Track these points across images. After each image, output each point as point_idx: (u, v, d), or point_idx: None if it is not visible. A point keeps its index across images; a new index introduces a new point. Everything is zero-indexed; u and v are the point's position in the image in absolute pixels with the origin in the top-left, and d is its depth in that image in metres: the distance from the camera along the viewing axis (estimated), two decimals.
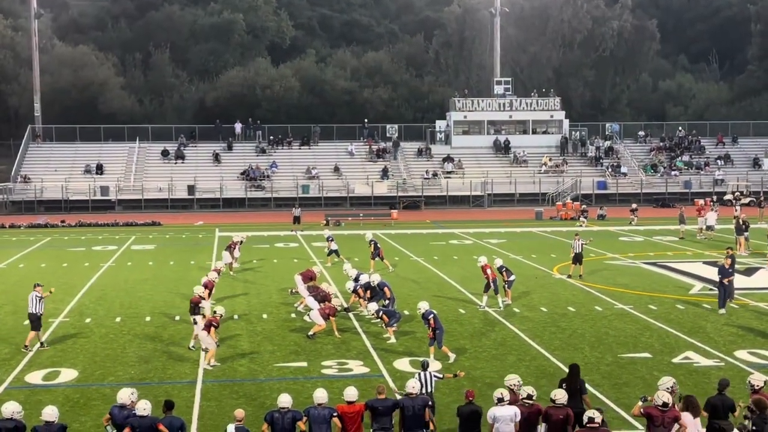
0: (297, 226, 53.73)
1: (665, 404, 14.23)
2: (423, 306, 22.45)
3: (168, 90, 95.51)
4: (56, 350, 23.70)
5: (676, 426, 14.23)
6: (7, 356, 23.05)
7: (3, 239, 50.13)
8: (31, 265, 39.29)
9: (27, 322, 26.53)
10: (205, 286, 26.62)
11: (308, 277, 28.96)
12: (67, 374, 21.37)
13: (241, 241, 39.50)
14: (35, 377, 21.14)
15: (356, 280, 28.15)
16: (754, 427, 14.49)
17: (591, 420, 13.92)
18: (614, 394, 19.19)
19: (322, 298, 26.38)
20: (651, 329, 25.67)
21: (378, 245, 37.35)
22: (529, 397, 14.96)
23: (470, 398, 15.27)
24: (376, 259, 36.78)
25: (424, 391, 16.25)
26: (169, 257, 41.64)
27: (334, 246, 39.04)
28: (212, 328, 22.26)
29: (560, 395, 14.87)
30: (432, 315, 22.05)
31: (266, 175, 72.50)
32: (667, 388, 14.70)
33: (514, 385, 15.55)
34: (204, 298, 25.32)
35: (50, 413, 14.31)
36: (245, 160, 74.79)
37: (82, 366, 22.06)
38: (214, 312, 23.34)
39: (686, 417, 14.51)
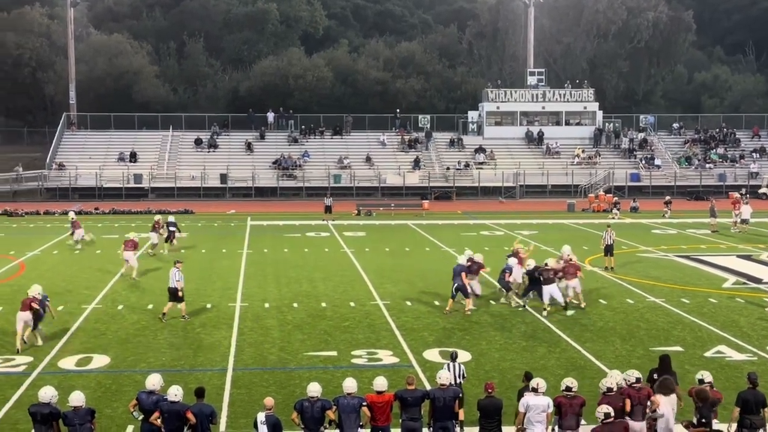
0: (328, 216, 53.81)
1: (638, 380, 15.24)
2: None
3: (201, 79, 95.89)
4: (89, 336, 23.92)
5: (649, 403, 15.10)
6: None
7: (38, 226, 50.61)
8: (64, 252, 39.60)
9: (61, 307, 26.87)
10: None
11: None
12: (100, 360, 21.56)
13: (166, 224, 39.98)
14: (68, 363, 21.35)
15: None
16: None
17: (607, 415, 13.95)
18: None
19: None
20: (683, 323, 25.50)
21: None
22: (568, 389, 14.92)
23: (490, 391, 15.25)
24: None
25: (453, 382, 16.25)
26: (201, 245, 41.85)
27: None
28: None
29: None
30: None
31: (298, 165, 72.65)
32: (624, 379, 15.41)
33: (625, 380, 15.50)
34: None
35: (77, 398, 14.43)
36: (277, 149, 74.97)
37: (114, 352, 22.25)
38: None
39: (659, 397, 15.23)
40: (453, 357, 17.35)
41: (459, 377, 16.69)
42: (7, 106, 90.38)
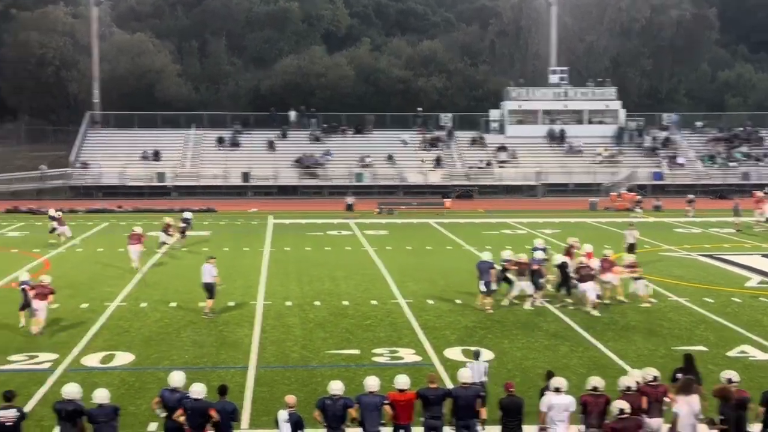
0: (350, 214, 53.74)
1: (655, 378, 15.31)
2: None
3: (224, 77, 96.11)
4: (112, 334, 24.07)
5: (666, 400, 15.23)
6: (65, 338, 23.46)
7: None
8: (88, 250, 39.84)
9: (85, 304, 27.09)
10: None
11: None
12: (123, 357, 21.69)
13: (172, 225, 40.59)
14: (92, 360, 21.49)
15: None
16: None
17: (622, 411, 13.93)
18: None
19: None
20: (706, 322, 25.39)
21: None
22: (595, 389, 14.89)
23: (510, 390, 15.23)
24: None
25: (477, 381, 16.26)
26: (224, 243, 41.99)
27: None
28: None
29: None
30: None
31: (320, 163, 72.73)
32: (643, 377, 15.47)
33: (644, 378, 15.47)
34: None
35: (101, 395, 14.51)
36: (299, 147, 75.09)
37: (138, 350, 22.37)
38: None
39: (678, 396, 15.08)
40: (476, 355, 17.34)
41: (482, 376, 16.68)
42: (31, 105, 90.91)
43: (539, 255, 27.90)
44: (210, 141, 76.05)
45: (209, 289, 26.36)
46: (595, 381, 15.01)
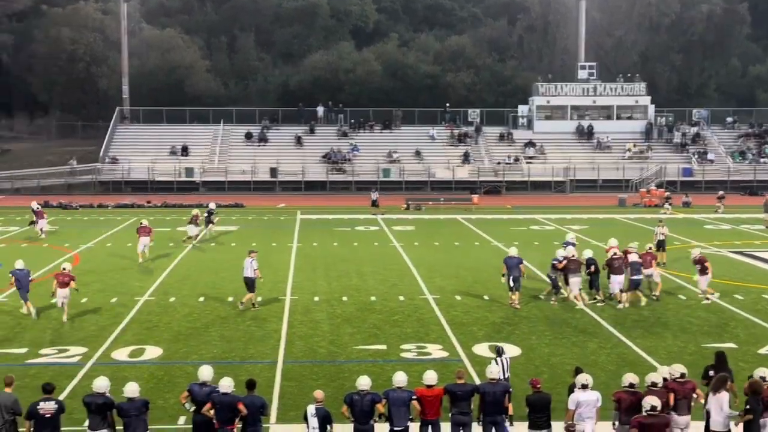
0: (375, 209, 53.70)
1: (682, 375, 15.23)
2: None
3: (252, 73, 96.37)
4: (141, 328, 24.24)
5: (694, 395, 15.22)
6: (94, 332, 23.65)
7: (91, 219, 51.30)
8: (118, 245, 40.06)
9: (114, 299, 27.31)
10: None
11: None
12: (152, 352, 21.84)
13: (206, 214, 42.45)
14: (121, 354, 21.66)
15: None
16: None
17: (653, 408, 13.86)
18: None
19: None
20: (736, 319, 25.22)
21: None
22: (632, 385, 14.83)
23: (537, 386, 15.19)
24: None
25: (507, 375, 16.26)
26: (251, 238, 42.11)
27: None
28: None
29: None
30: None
31: (347, 159, 72.81)
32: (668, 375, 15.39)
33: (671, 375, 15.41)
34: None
35: (132, 389, 14.61)
36: (327, 143, 75.18)
37: (167, 344, 22.52)
38: None
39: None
40: (499, 352, 17.31)
41: (506, 372, 16.66)
42: (62, 100, 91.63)
43: (571, 250, 27.71)
44: (238, 136, 76.29)
45: (249, 283, 26.56)
46: (631, 377, 14.96)
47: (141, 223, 36.51)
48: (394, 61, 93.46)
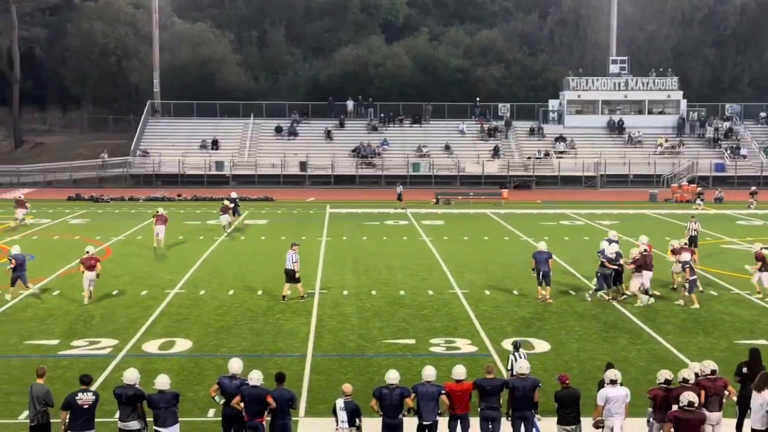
0: (400, 203, 53.59)
1: (713, 371, 15.16)
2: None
3: (282, 67, 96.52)
4: (171, 321, 24.37)
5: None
6: (125, 324, 23.80)
7: (123, 211, 51.64)
8: (148, 237, 40.25)
9: (145, 291, 27.49)
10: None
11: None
12: (182, 344, 21.95)
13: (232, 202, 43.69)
14: (152, 346, 21.78)
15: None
16: None
17: (691, 404, 13.76)
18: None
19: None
20: None
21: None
22: (667, 382, 14.74)
23: (565, 382, 15.11)
24: None
25: (516, 372, 16.18)
26: (281, 232, 42.24)
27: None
28: None
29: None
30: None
31: (377, 153, 72.80)
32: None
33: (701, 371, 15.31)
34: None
35: (163, 382, 14.68)
36: (357, 137, 75.23)
37: (196, 337, 22.63)
38: None
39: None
40: (516, 346, 17.24)
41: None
42: (94, 94, 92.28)
43: (614, 248, 27.37)
44: (268, 130, 76.52)
45: (290, 275, 26.77)
46: (666, 374, 14.85)
47: (157, 212, 38.18)
48: (425, 56, 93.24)
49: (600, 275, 26.84)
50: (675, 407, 14.13)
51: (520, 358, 16.47)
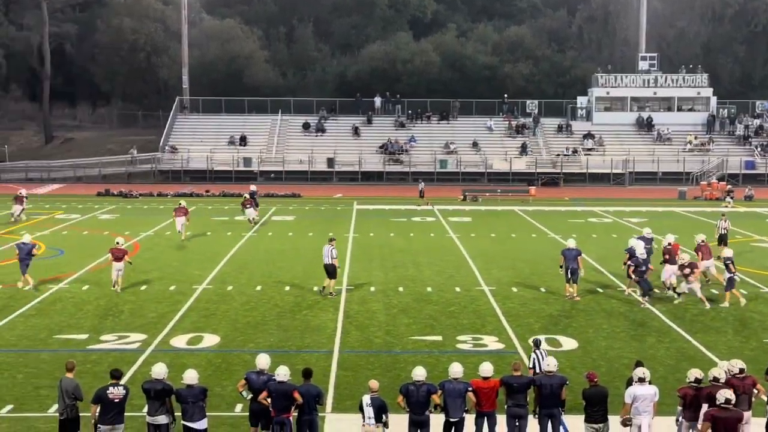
0: (421, 200, 53.52)
1: (741, 370, 14.98)
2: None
3: (310, 63, 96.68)
4: (199, 316, 24.49)
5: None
6: (154, 319, 23.95)
7: (151, 207, 51.92)
8: (176, 233, 40.49)
9: (173, 287, 27.65)
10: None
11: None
12: (210, 339, 22.06)
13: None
14: (180, 341, 21.90)
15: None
16: None
17: (728, 401, 13.66)
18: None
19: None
20: None
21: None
22: (698, 381, 14.66)
23: (594, 380, 15.05)
24: None
25: (538, 369, 16.14)
26: (308, 229, 42.33)
27: None
28: None
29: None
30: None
31: (404, 149, 72.78)
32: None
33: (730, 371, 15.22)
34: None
35: (191, 376, 14.74)
36: (384, 133, 75.22)
37: (224, 332, 22.73)
38: None
39: None
40: (536, 344, 17.18)
41: (541, 365, 16.49)
42: (123, 90, 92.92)
43: (641, 246, 27.14)
44: (296, 127, 76.67)
45: (330, 270, 26.88)
46: (697, 373, 14.76)
47: (179, 204, 39.38)
48: (452, 52, 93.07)
49: (641, 279, 26.25)
50: (705, 406, 14.05)
51: (543, 355, 16.43)
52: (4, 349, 21.18)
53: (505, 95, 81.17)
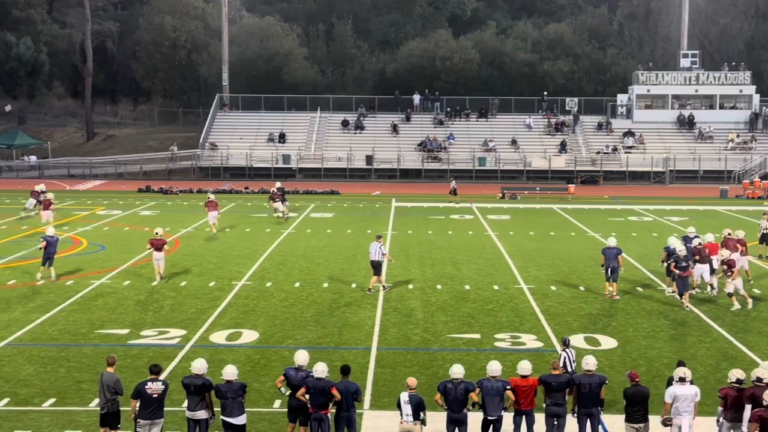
0: (454, 198, 53.37)
1: (759, 379, 14.42)
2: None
3: (349, 61, 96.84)
4: (238, 312, 24.63)
5: None
6: (193, 315, 24.13)
7: (191, 203, 52.26)
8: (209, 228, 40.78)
9: (212, 283, 27.84)
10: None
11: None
12: (249, 335, 22.18)
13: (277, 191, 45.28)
14: (219, 337, 22.05)
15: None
16: None
17: (759, 380, 13.54)
18: None
19: None
20: None
21: None
22: (739, 381, 14.51)
23: (635, 380, 14.94)
24: None
25: (569, 369, 16.07)
26: (347, 226, 42.42)
27: None
28: None
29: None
30: None
31: (443, 147, 72.68)
32: None
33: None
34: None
35: (231, 372, 14.84)
36: (423, 131, 75.18)
37: (263, 328, 22.84)
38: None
39: None
40: (566, 343, 17.10)
41: (571, 364, 16.43)
42: (164, 87, 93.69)
43: (680, 244, 26.91)
44: (335, 124, 76.84)
45: (376, 267, 27.05)
46: (738, 373, 14.61)
47: (209, 198, 39.99)
48: (492, 49, 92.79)
49: (678, 278, 25.83)
50: (748, 407, 13.90)
51: (572, 354, 16.39)
52: (47, 344, 21.45)
53: (545, 93, 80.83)
